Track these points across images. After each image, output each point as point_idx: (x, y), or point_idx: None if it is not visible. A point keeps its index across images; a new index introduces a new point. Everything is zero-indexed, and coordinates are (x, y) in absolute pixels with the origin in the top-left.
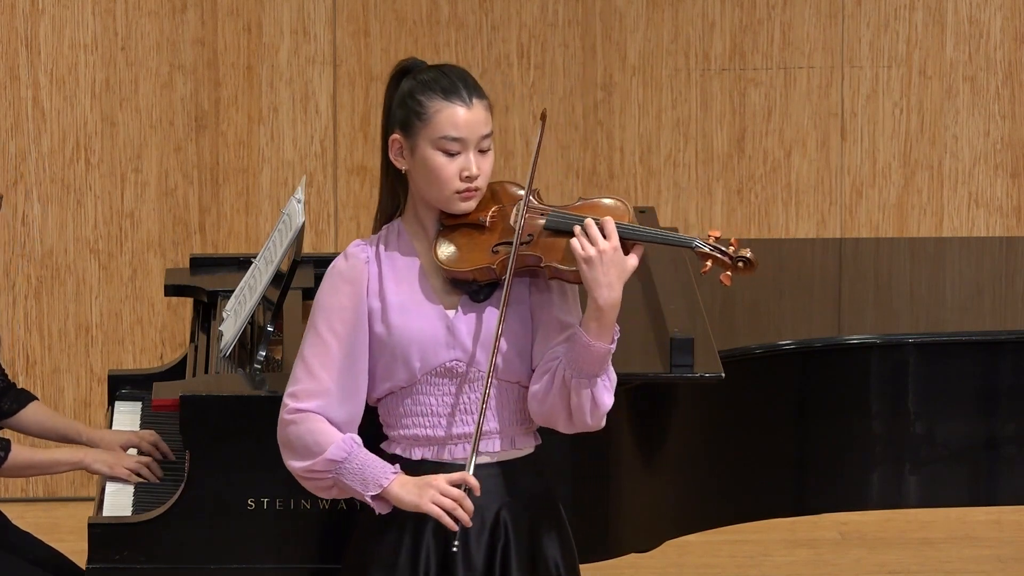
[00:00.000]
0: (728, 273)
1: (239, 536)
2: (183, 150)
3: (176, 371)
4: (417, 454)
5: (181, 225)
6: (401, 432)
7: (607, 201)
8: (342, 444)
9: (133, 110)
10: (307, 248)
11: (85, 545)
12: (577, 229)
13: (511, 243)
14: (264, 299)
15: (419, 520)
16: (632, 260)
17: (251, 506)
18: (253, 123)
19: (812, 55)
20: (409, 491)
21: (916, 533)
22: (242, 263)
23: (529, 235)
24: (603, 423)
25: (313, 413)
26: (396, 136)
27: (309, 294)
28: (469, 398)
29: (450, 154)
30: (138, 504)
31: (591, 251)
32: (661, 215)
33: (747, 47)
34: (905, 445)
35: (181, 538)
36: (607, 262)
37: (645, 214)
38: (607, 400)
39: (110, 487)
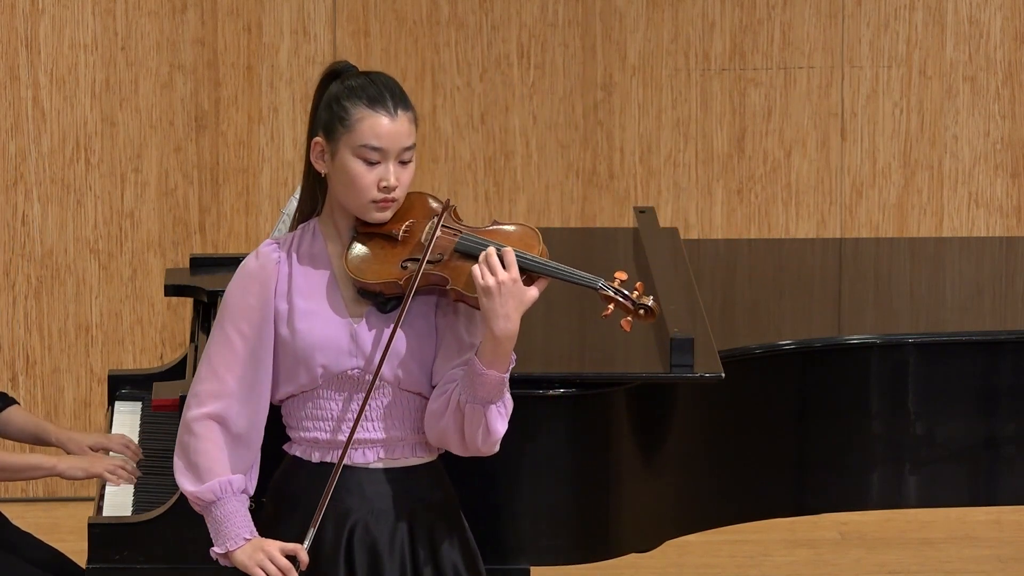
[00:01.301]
0: (628, 319)
1: None
2: (183, 150)
3: (176, 371)
4: (316, 457)
5: (181, 225)
6: (301, 434)
7: (518, 228)
8: (216, 488)
9: (133, 110)
10: None
11: (85, 545)
12: (481, 256)
13: (419, 260)
14: None
15: (330, 524)
16: (532, 292)
17: (251, 507)
18: (253, 123)
19: (812, 55)
20: (244, 552)
21: (916, 533)
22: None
23: (440, 254)
24: (495, 449)
25: (215, 425)
26: (318, 139)
27: None
28: (368, 406)
29: (370, 163)
30: (138, 504)
31: (490, 281)
32: (661, 215)
33: (747, 47)
34: (905, 445)
35: (181, 538)
36: (505, 293)
37: (645, 214)
38: (499, 427)
39: (110, 487)
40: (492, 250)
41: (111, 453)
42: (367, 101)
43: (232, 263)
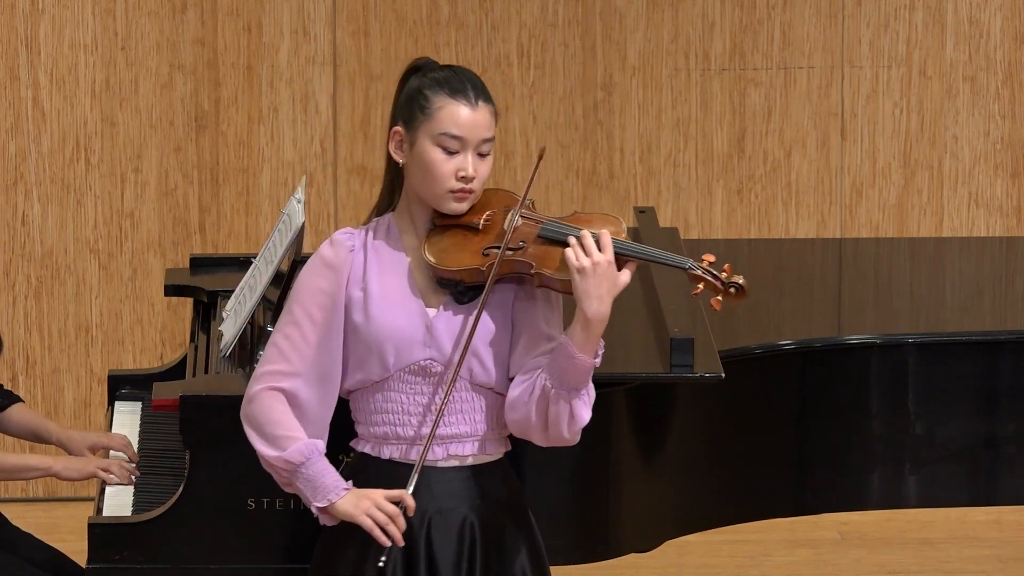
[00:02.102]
0: (719, 298)
1: (239, 536)
2: (183, 150)
3: (176, 371)
4: (386, 453)
5: (181, 225)
6: (371, 429)
7: (600, 216)
8: (303, 448)
9: (133, 110)
10: (307, 248)
11: (85, 545)
12: (572, 239)
13: (498, 247)
14: (264, 299)
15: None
16: (624, 276)
17: (251, 506)
18: (253, 123)
19: (812, 55)
20: (348, 502)
21: (916, 533)
22: (242, 263)
23: (521, 242)
24: (578, 438)
25: (280, 395)
26: (398, 128)
27: None
28: (441, 399)
29: (449, 152)
30: (138, 504)
31: (585, 262)
32: (661, 215)
33: (747, 47)
34: (905, 445)
35: (181, 538)
36: (600, 274)
37: (645, 214)
38: (585, 415)
39: (110, 487)
40: (587, 232)
41: (111, 454)
42: (448, 90)
43: (232, 263)
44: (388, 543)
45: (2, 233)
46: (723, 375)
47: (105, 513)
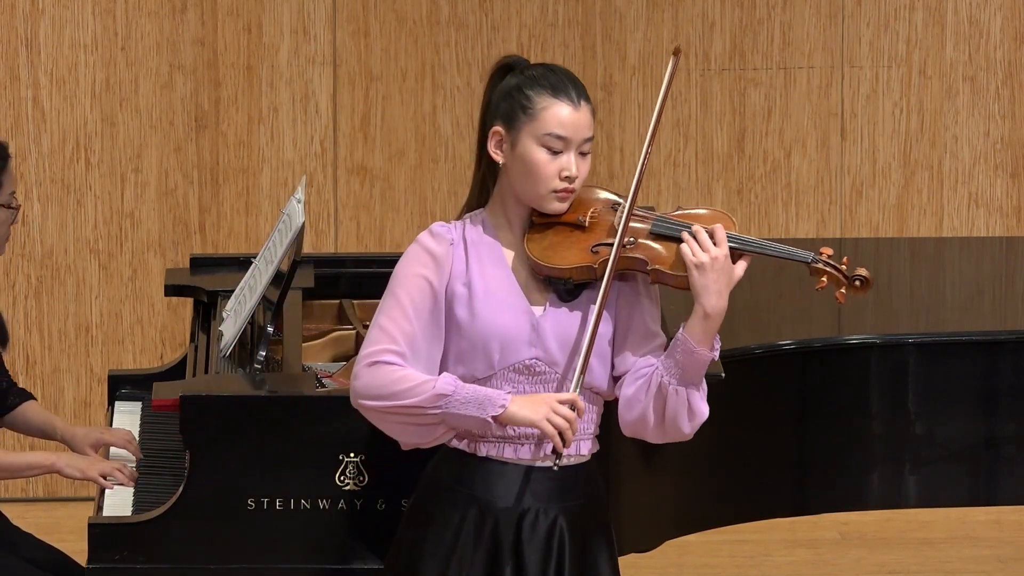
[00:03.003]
0: (843, 291)
1: (239, 536)
2: (183, 150)
3: (176, 371)
4: (483, 450)
5: (181, 225)
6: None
7: (709, 211)
8: (447, 378)
9: (133, 110)
10: (307, 248)
11: (85, 545)
12: (687, 235)
13: (611, 244)
14: (264, 299)
15: (471, 516)
16: (739, 269)
17: (251, 506)
18: (253, 123)
19: (812, 55)
20: (523, 407)
21: (916, 533)
22: (242, 263)
23: (631, 238)
24: (694, 432)
25: (389, 364)
26: (498, 128)
27: (309, 294)
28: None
29: (553, 152)
30: (138, 504)
31: (703, 257)
32: None
33: (747, 47)
34: (905, 445)
35: (181, 538)
36: (718, 269)
37: None
38: (704, 409)
39: (108, 489)
40: (701, 228)
41: (111, 453)
42: (551, 90)
43: (232, 263)
44: (563, 449)
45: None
46: (723, 375)
47: (105, 513)
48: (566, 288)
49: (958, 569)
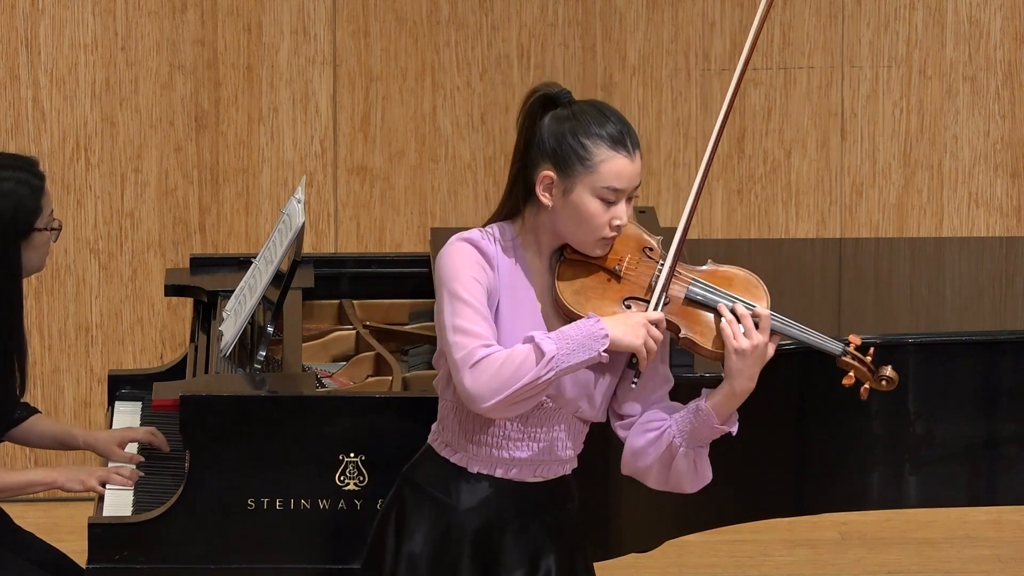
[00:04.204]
0: (867, 387)
1: (239, 536)
2: (183, 150)
3: (176, 371)
4: (474, 468)
5: (181, 225)
6: (464, 443)
7: (741, 274)
8: (543, 339)
9: (133, 110)
10: (307, 248)
11: (85, 545)
12: (729, 316)
13: (644, 300)
14: (264, 299)
15: (455, 527)
16: (771, 350)
17: (251, 506)
18: (253, 123)
19: (812, 55)
20: (624, 332)
21: (916, 533)
22: (242, 263)
23: (666, 299)
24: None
25: (488, 353)
26: (549, 172)
27: (309, 294)
28: (543, 428)
29: (607, 202)
30: (138, 504)
31: (745, 344)
32: (661, 215)
33: None
34: (905, 445)
35: (181, 538)
36: (756, 356)
37: (645, 214)
38: (709, 473)
39: (110, 487)
40: (747, 313)
41: (110, 464)
42: (610, 142)
43: (232, 263)
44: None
45: None
46: (723, 375)
47: (105, 513)
48: None
49: (958, 569)
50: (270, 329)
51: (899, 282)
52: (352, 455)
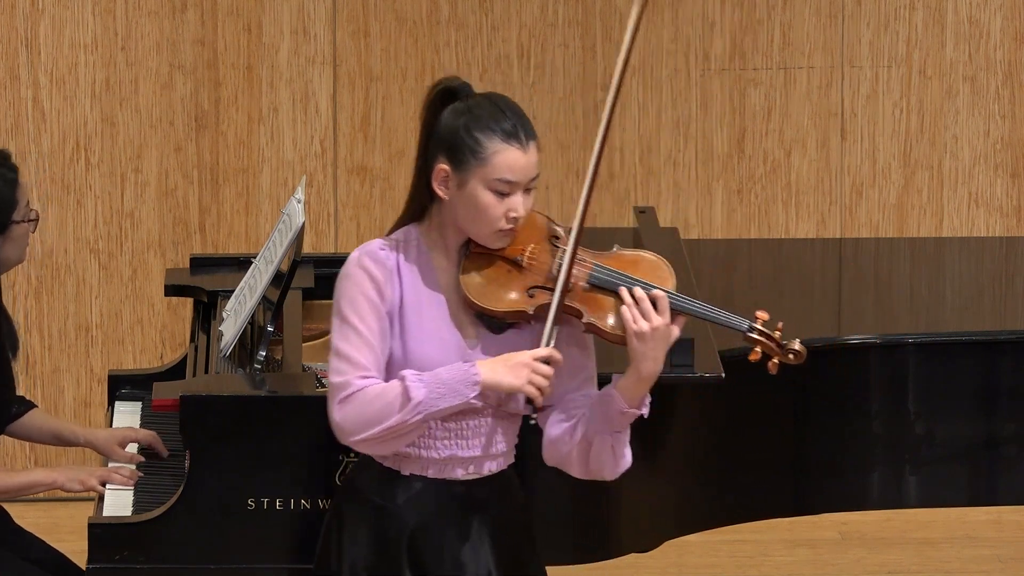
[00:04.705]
0: (775, 360)
1: (239, 536)
2: (183, 150)
3: (176, 371)
4: (406, 470)
5: (181, 225)
6: (399, 449)
7: (647, 257)
8: (413, 381)
9: (133, 110)
10: (307, 248)
11: (85, 545)
12: (628, 299)
13: (548, 288)
14: (264, 299)
15: (393, 529)
16: (676, 332)
17: (251, 506)
18: (253, 123)
19: (812, 55)
20: (504, 375)
21: (916, 533)
22: (242, 263)
23: (568, 285)
24: (617, 477)
25: (362, 388)
26: (444, 166)
27: (309, 294)
28: (469, 424)
29: (501, 195)
30: (138, 504)
31: (644, 326)
32: (661, 215)
33: (747, 47)
34: (905, 445)
35: (181, 538)
36: (658, 338)
37: (645, 214)
38: (629, 457)
39: (110, 486)
40: (644, 295)
41: (110, 464)
42: (502, 135)
43: (232, 263)
44: (541, 403)
45: None
46: (723, 375)
47: (105, 513)
48: (497, 325)
49: (958, 569)
50: (270, 329)
51: (899, 282)
52: (352, 455)
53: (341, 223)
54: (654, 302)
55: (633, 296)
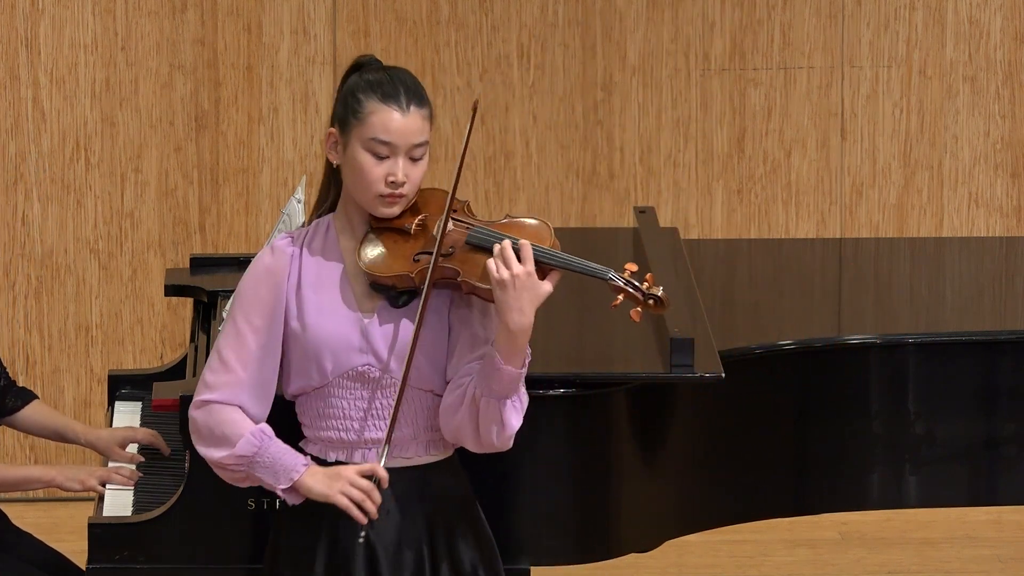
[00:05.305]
0: (638, 309)
1: (239, 536)
2: (183, 150)
3: (176, 371)
4: (332, 456)
5: (181, 225)
6: (316, 433)
7: (530, 222)
8: (251, 439)
9: (133, 110)
10: None
11: (85, 545)
12: (496, 249)
13: (431, 252)
14: None
15: (336, 520)
16: (546, 286)
17: (251, 506)
18: (253, 123)
19: (812, 55)
20: (319, 481)
21: (916, 533)
22: (242, 263)
23: (451, 248)
24: (509, 445)
25: (224, 404)
26: (332, 130)
27: None
28: (381, 403)
29: (379, 157)
30: (138, 504)
31: (505, 274)
32: (661, 215)
33: (747, 47)
34: (905, 445)
35: (181, 538)
36: (519, 287)
37: (645, 214)
38: (514, 422)
39: (110, 486)
40: (508, 243)
41: (110, 463)
42: (380, 95)
43: (232, 263)
44: (364, 520)
45: (2, 233)
46: (723, 375)
47: (105, 513)
48: (394, 295)
49: (958, 569)
50: None
51: (899, 282)
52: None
53: None
54: (518, 252)
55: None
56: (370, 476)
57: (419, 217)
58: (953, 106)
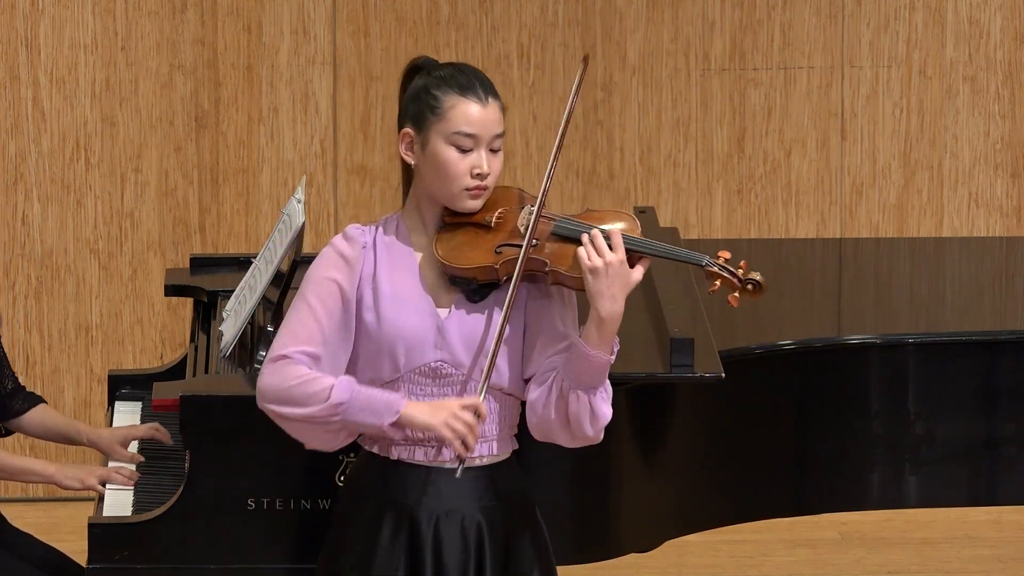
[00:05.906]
0: (736, 295)
1: (239, 536)
2: (183, 150)
3: (176, 371)
4: (395, 453)
5: (181, 225)
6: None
7: (613, 213)
8: (343, 385)
9: (133, 110)
10: (307, 248)
11: (85, 545)
12: (585, 238)
13: (515, 244)
14: (264, 299)
15: (389, 520)
16: (636, 274)
17: (251, 506)
18: (253, 123)
19: (812, 55)
20: (423, 411)
21: (916, 533)
22: (242, 263)
23: (535, 239)
24: (602, 435)
25: (298, 362)
26: (407, 130)
27: None
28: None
29: (463, 150)
30: (138, 504)
31: (597, 262)
32: (661, 215)
33: (747, 47)
34: (905, 445)
35: (181, 538)
36: (612, 274)
37: (645, 214)
38: (606, 411)
39: (110, 486)
40: (599, 231)
41: (110, 463)
42: (458, 89)
43: (232, 263)
44: (465, 454)
45: (2, 233)
46: (723, 375)
47: (105, 513)
48: (472, 289)
49: (958, 569)
50: (270, 329)
51: (899, 282)
52: (352, 455)
53: (341, 223)
54: (608, 239)
55: (590, 236)
56: (472, 410)
57: (499, 211)
58: (953, 106)
